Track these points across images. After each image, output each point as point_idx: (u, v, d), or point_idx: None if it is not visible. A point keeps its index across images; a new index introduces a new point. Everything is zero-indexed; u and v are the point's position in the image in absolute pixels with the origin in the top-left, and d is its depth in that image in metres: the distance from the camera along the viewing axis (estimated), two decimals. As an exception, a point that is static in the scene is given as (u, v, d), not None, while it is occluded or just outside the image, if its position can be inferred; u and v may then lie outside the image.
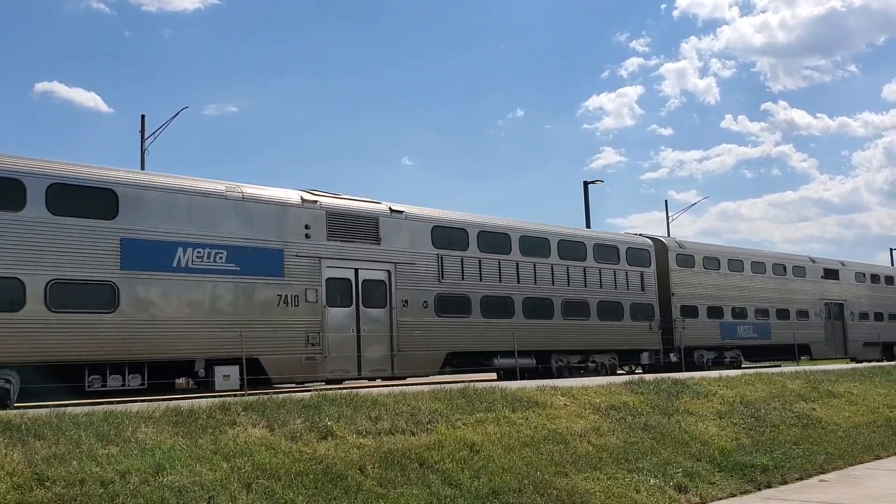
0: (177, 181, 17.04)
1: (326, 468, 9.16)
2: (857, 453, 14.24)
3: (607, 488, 10.31)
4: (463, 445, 10.66)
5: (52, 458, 8.10)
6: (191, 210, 16.78)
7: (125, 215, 15.90)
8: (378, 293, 19.91)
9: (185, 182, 17.15)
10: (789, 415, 15.87)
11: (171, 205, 16.52)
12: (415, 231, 20.93)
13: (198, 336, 16.49)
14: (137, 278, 15.78)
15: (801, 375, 19.96)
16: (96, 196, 15.78)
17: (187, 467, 8.41)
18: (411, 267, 20.60)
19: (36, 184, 15.00)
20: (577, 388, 14.73)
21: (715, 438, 13.33)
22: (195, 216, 16.81)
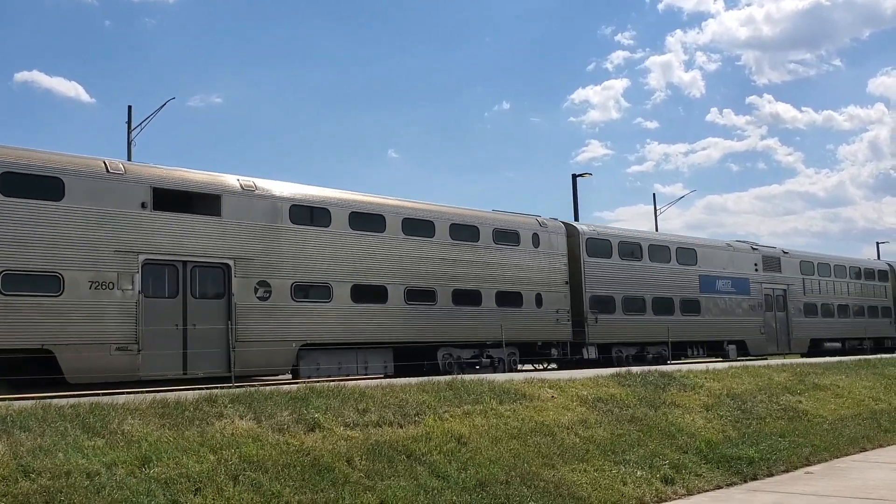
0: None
1: (314, 460, 9.15)
2: (842, 446, 14.33)
3: (594, 480, 10.34)
4: (450, 437, 10.66)
5: (38, 449, 8.06)
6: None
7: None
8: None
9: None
10: (776, 407, 15.95)
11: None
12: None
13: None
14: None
15: (787, 368, 20.06)
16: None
17: (174, 459, 8.38)
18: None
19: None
20: (565, 380, 14.76)
21: (702, 431, 13.38)
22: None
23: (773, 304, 33.93)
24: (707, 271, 30.77)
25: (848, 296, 38.76)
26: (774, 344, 33.53)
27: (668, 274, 29.11)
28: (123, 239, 16.54)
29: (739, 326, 31.61)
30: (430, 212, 22.38)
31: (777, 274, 34.49)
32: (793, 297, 35.03)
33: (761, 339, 32.73)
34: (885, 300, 41.72)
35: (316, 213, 19.93)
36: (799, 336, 34.94)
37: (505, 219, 24.66)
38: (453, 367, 21.48)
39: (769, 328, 33.34)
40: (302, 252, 19.28)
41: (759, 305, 32.94)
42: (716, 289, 30.92)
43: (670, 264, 29.34)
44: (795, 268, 35.79)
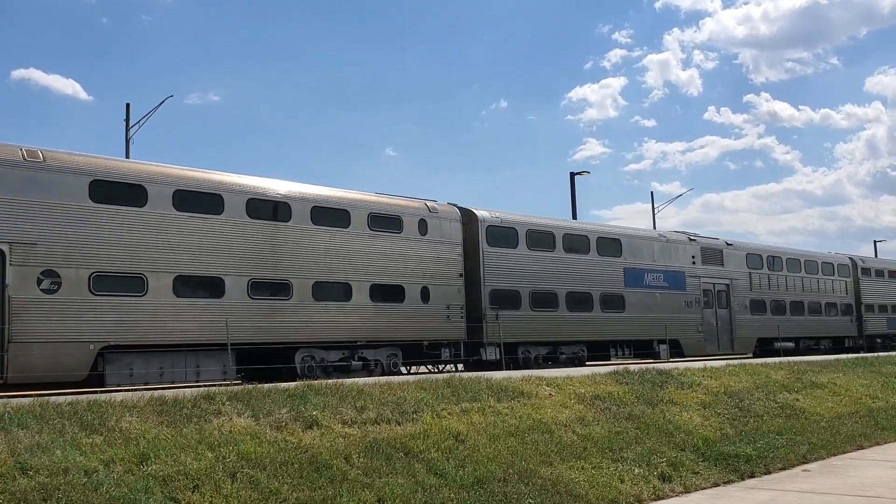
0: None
1: (311, 458, 9.15)
2: (839, 443, 14.35)
3: (592, 478, 10.35)
4: (448, 435, 10.67)
5: (36, 447, 8.06)
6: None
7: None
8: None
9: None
10: (773, 405, 15.97)
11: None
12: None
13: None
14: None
15: (785, 366, 20.07)
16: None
17: (172, 456, 8.39)
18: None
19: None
20: (562, 378, 14.77)
21: (699, 428, 13.40)
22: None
23: (714, 301, 31.18)
24: (634, 264, 27.94)
25: (803, 292, 36.00)
26: (714, 344, 30.83)
27: (587, 266, 26.31)
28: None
29: (673, 325, 28.47)
30: (285, 193, 19.56)
31: (719, 268, 31.72)
32: (737, 293, 32.26)
33: (698, 339, 29.99)
34: (846, 297, 38.84)
35: (128, 191, 17.04)
36: (744, 335, 32.23)
37: (384, 202, 21.79)
38: (315, 370, 19.10)
39: (708, 327, 30.58)
40: (106, 237, 16.50)
41: (696, 302, 30.16)
42: (644, 283, 28.20)
43: (589, 255, 26.49)
44: (740, 261, 33.02)
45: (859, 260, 40.69)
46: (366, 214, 21.00)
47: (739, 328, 32.03)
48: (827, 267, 38.03)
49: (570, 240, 26.27)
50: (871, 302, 40.17)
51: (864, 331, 39.14)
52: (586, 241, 26.81)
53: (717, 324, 31.09)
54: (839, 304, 38.15)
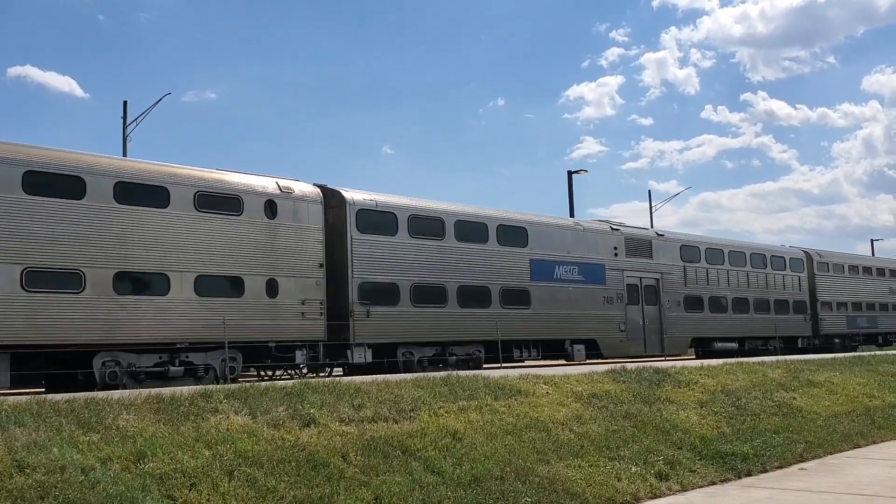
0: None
1: (309, 455, 9.16)
2: (836, 442, 14.37)
3: (589, 476, 10.36)
4: (445, 433, 10.68)
5: (33, 444, 8.05)
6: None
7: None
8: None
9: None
10: (770, 404, 15.99)
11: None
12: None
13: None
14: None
15: (781, 365, 20.09)
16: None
17: (169, 454, 8.39)
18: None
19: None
20: (560, 376, 14.79)
21: (696, 427, 13.41)
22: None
23: (641, 297, 28.21)
24: (542, 255, 25.03)
25: (748, 287, 32.94)
26: (640, 344, 27.98)
27: (485, 257, 23.44)
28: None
29: (589, 323, 25.99)
30: (78, 166, 16.52)
31: (647, 260, 28.75)
32: (669, 289, 29.32)
33: (620, 338, 27.23)
34: (799, 293, 35.80)
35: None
36: (676, 335, 29.33)
37: (217, 179, 18.77)
38: (121, 377, 16.46)
39: (633, 325, 27.77)
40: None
41: (618, 298, 27.25)
42: (555, 276, 25.31)
43: (488, 245, 23.60)
44: (674, 253, 30.03)
45: (815, 254, 38.06)
46: (192, 193, 17.88)
47: (671, 327, 29.14)
48: (777, 261, 35.21)
49: (463, 227, 23.32)
50: (828, 299, 37.53)
51: (820, 330, 36.57)
52: (483, 228, 23.84)
53: (644, 322, 28.21)
54: (791, 301, 35.27)
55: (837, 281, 38.47)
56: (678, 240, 30.87)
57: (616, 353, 26.83)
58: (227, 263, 18.24)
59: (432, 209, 23.05)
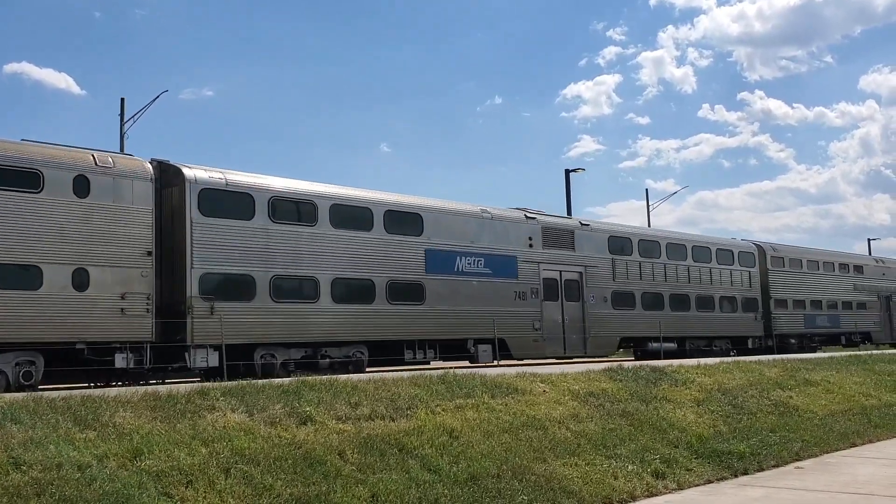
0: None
1: (305, 453, 9.15)
2: (832, 441, 14.38)
3: (585, 474, 10.37)
4: (442, 431, 10.68)
5: (29, 442, 8.05)
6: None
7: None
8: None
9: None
10: (766, 402, 16.00)
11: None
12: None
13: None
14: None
15: (778, 364, 20.11)
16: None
17: (165, 452, 8.38)
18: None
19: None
20: (557, 374, 14.79)
21: (692, 425, 13.42)
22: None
23: (560, 292, 25.58)
24: (440, 244, 22.53)
25: (689, 283, 30.25)
26: (559, 344, 25.32)
27: (368, 246, 20.85)
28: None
29: (497, 320, 23.34)
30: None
31: (568, 252, 26.11)
32: (594, 283, 26.68)
33: (534, 338, 24.57)
34: (750, 290, 33.18)
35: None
36: (602, 334, 26.69)
37: (16, 150, 16.16)
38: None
39: (550, 323, 25.08)
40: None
41: (532, 293, 24.68)
42: (456, 269, 22.82)
43: (372, 233, 21.02)
44: (600, 245, 27.36)
45: (769, 248, 35.49)
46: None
47: (596, 325, 26.50)
48: (724, 255, 32.44)
49: (341, 212, 20.60)
50: (783, 296, 35.04)
51: (774, 329, 34.04)
52: (367, 214, 21.13)
53: (564, 320, 25.54)
54: (740, 298, 32.58)
55: (794, 277, 36.10)
56: (605, 230, 28.10)
57: (529, 354, 24.29)
58: (19, 249, 15.64)
59: (302, 191, 20.23)
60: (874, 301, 40.68)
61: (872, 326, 40.19)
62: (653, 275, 28.83)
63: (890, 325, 41.51)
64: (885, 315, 41.31)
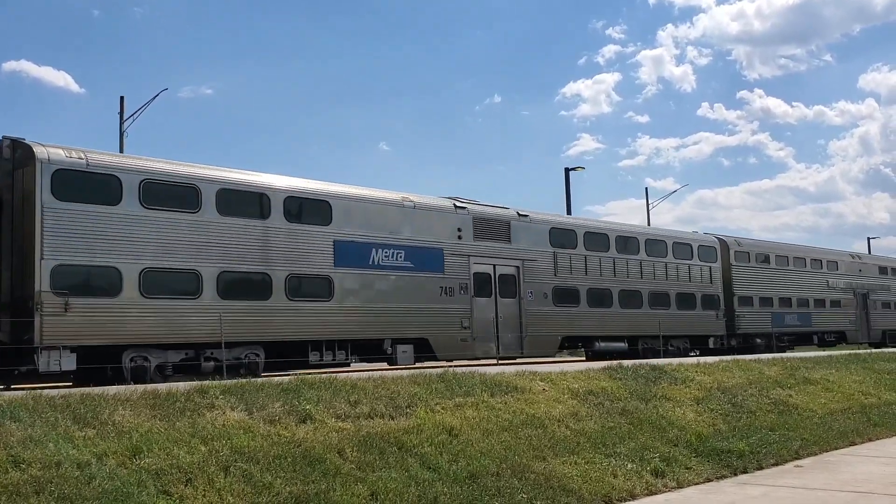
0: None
1: (305, 451, 9.15)
2: (832, 439, 14.39)
3: (585, 472, 10.36)
4: (442, 429, 10.67)
5: (28, 440, 8.04)
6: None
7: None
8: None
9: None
10: (766, 401, 16.00)
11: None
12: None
13: None
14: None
15: (778, 362, 20.11)
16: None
17: (165, 450, 8.38)
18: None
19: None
20: (556, 373, 14.78)
21: (692, 424, 13.42)
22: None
23: (494, 288, 23.67)
24: (353, 235, 20.49)
25: (642, 279, 28.25)
26: (491, 343, 23.39)
27: (264, 237, 18.73)
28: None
29: (419, 318, 21.56)
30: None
31: (503, 245, 24.13)
32: (533, 278, 24.65)
33: (462, 337, 22.65)
34: (711, 286, 31.21)
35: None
36: (541, 333, 24.64)
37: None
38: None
39: (481, 322, 23.16)
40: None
41: (461, 288, 22.73)
42: (372, 262, 20.84)
43: (269, 221, 18.87)
44: (540, 237, 25.33)
45: (733, 242, 33.65)
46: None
47: (535, 324, 24.47)
48: (681, 249, 30.40)
49: (230, 198, 18.39)
50: (748, 293, 33.30)
51: (738, 328, 32.41)
52: (263, 201, 19.02)
53: (498, 318, 23.56)
54: (699, 294, 30.53)
55: (760, 273, 34.21)
56: (547, 221, 25.90)
57: (457, 355, 22.36)
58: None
59: (182, 174, 17.93)
60: (849, 299, 39.01)
61: (848, 325, 38.58)
62: (600, 269, 26.88)
63: (867, 323, 39.77)
64: (862, 313, 39.61)
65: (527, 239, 24.87)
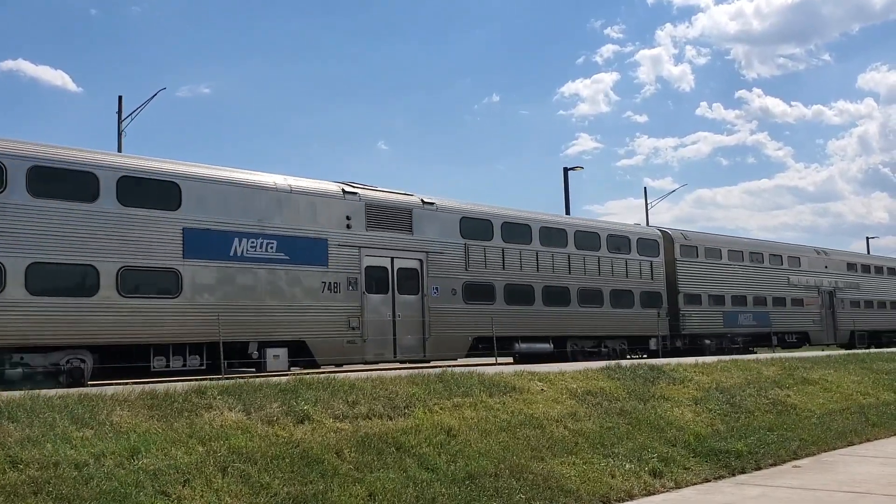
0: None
1: (303, 452, 9.15)
2: (830, 439, 14.40)
3: (583, 473, 10.37)
4: (440, 430, 10.68)
5: (26, 440, 8.04)
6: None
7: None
8: None
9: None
10: (764, 401, 16.00)
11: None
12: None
13: None
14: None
15: (776, 362, 20.12)
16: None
17: (162, 451, 8.38)
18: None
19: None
20: (555, 373, 14.78)
21: (690, 424, 13.43)
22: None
23: (392, 284, 21.13)
24: (208, 222, 18.05)
25: (570, 274, 25.65)
26: (388, 345, 20.79)
27: (89, 223, 16.38)
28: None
29: (296, 318, 19.14)
30: None
31: (404, 235, 21.58)
32: (440, 273, 22.22)
33: (349, 339, 19.94)
34: (652, 283, 28.71)
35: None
36: (447, 333, 22.12)
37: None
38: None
39: (374, 322, 20.56)
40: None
41: (350, 284, 20.11)
42: (234, 253, 18.34)
43: (97, 205, 16.54)
44: (449, 227, 22.82)
45: (679, 235, 30.99)
46: None
47: (440, 323, 21.97)
48: (617, 241, 27.87)
49: (44, 179, 16.01)
50: (695, 291, 30.66)
51: (683, 328, 29.70)
52: (91, 182, 16.56)
53: (395, 317, 21.09)
54: (638, 292, 28.03)
55: (710, 269, 31.68)
56: (457, 210, 23.29)
57: (343, 359, 20.10)
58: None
59: (76, 159, 16.33)
60: (813, 297, 36.29)
61: (811, 325, 35.94)
62: (521, 263, 24.33)
63: (833, 323, 37.07)
64: (828, 312, 36.98)
65: (433, 229, 22.36)
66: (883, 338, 39.78)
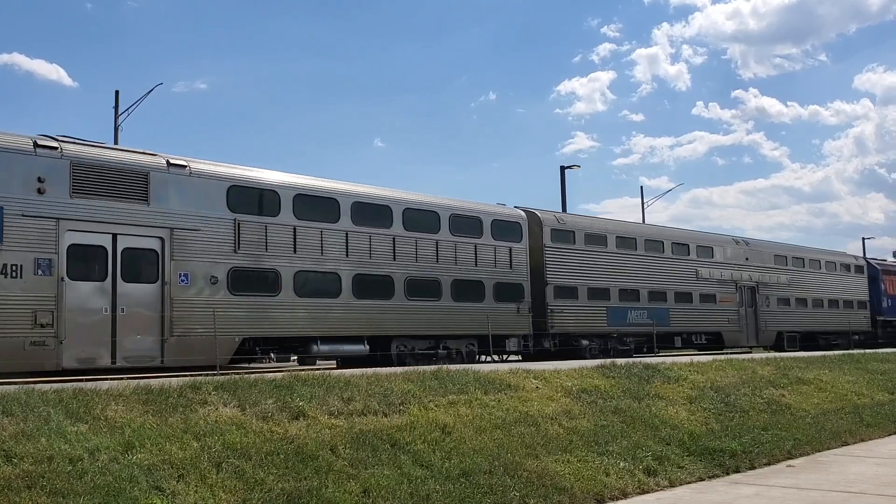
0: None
1: (297, 448, 9.15)
2: (824, 439, 14.43)
3: (577, 471, 10.38)
4: (435, 427, 10.68)
5: (20, 434, 8.02)
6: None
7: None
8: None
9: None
10: (759, 401, 16.03)
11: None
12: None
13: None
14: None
15: (771, 362, 20.15)
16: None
17: (157, 446, 8.37)
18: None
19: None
20: (550, 371, 14.79)
21: (685, 423, 13.44)
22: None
23: (113, 269, 16.28)
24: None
25: (394, 260, 21.04)
26: (101, 349, 15.96)
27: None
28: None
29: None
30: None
31: (135, 206, 16.77)
32: (192, 256, 17.47)
33: (34, 340, 15.12)
34: (511, 273, 24.12)
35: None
36: (201, 333, 17.11)
37: None
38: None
39: (82, 318, 15.82)
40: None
41: (39, 268, 15.39)
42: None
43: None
44: (211, 198, 17.98)
45: (551, 218, 26.35)
46: None
47: (189, 320, 17.19)
48: (463, 222, 23.19)
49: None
50: (568, 283, 25.77)
51: (551, 326, 24.98)
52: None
53: (117, 312, 16.25)
54: (491, 283, 23.36)
55: (590, 257, 26.82)
56: (224, 176, 18.46)
57: (26, 364, 15.06)
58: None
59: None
60: (729, 293, 31.80)
61: (725, 325, 31.43)
62: (321, 245, 19.76)
63: (755, 323, 32.79)
64: (749, 311, 32.61)
65: (183, 199, 17.47)
66: (820, 340, 35.60)
